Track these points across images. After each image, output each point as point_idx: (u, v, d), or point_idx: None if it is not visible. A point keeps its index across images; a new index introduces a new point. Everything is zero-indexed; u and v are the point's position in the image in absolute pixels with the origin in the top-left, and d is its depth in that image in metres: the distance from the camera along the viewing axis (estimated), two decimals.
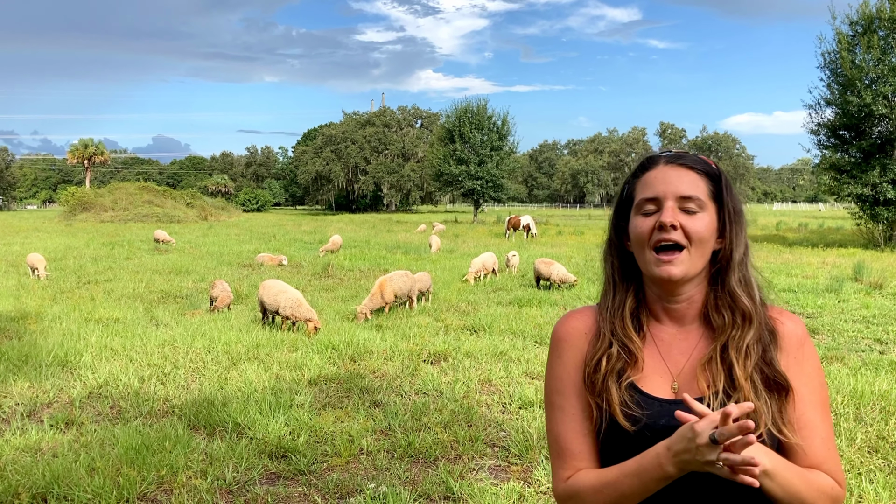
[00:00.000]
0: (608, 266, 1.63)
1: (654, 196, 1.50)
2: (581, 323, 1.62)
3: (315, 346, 9.15)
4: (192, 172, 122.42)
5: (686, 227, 1.46)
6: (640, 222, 1.51)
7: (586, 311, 1.65)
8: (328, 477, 5.15)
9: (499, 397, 7.10)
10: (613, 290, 1.60)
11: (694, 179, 1.50)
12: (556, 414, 1.58)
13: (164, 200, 52.35)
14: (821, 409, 1.49)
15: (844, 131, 27.30)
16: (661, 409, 1.46)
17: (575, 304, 12.60)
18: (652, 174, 1.54)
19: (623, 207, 1.61)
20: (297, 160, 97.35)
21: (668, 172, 1.51)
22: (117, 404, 6.90)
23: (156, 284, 15.47)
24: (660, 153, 1.58)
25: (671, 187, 1.49)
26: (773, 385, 1.45)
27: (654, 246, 1.47)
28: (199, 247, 26.14)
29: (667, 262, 1.46)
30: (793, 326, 1.53)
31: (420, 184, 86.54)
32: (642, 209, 1.52)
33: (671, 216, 1.46)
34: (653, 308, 1.57)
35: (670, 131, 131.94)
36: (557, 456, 1.57)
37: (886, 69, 25.03)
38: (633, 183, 1.58)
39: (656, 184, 1.51)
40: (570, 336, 1.61)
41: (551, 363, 1.63)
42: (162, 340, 9.43)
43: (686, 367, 1.52)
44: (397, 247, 26.19)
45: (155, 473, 5.06)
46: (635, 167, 1.61)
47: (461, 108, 51.67)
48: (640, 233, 1.50)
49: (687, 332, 1.55)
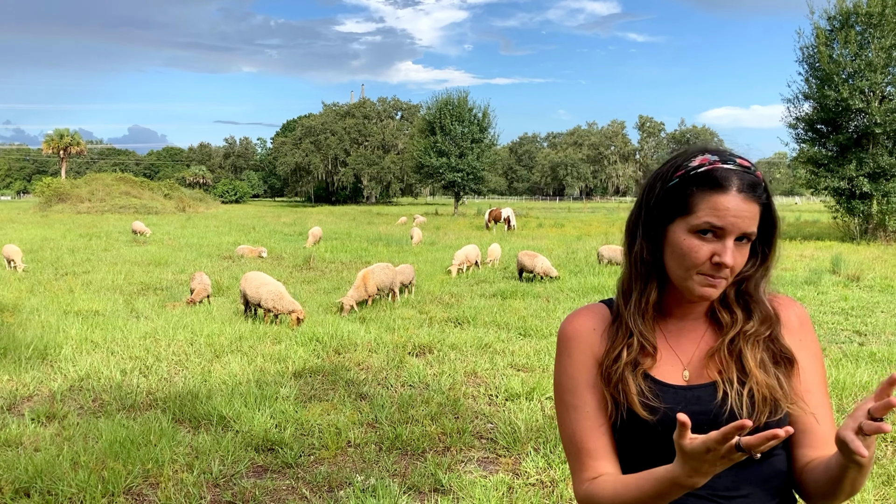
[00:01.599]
0: (632, 258, 1.57)
1: (722, 227, 1.42)
2: (589, 320, 1.60)
3: (299, 338, 9.09)
4: (170, 163, 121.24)
5: (736, 263, 1.44)
6: (696, 245, 1.43)
7: (592, 309, 1.64)
8: (316, 470, 5.12)
9: (485, 389, 7.10)
10: (641, 283, 1.55)
11: (756, 214, 1.45)
12: (569, 413, 1.56)
13: (142, 192, 51.84)
14: (823, 389, 1.54)
15: (822, 125, 27.55)
16: (675, 395, 1.47)
17: (558, 297, 12.64)
18: (724, 201, 1.42)
19: (666, 203, 1.50)
20: (276, 151, 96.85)
21: (741, 206, 1.42)
22: (99, 397, 6.82)
23: (135, 276, 15.31)
24: (729, 167, 1.45)
25: (740, 224, 1.42)
26: (781, 360, 1.48)
27: (702, 273, 1.44)
28: (177, 238, 25.91)
29: (710, 286, 1.45)
30: (794, 309, 1.57)
31: (400, 176, 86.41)
32: (700, 229, 1.43)
33: (731, 258, 1.42)
34: (667, 304, 1.57)
35: (649, 125, 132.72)
36: (575, 456, 1.54)
37: (863, 64, 25.29)
38: (694, 190, 1.46)
39: (728, 216, 1.41)
40: (579, 334, 1.59)
41: (561, 362, 1.60)
42: (143, 333, 9.33)
43: (696, 354, 1.53)
44: (379, 239, 26.13)
45: (140, 467, 5.01)
46: (703, 175, 1.46)
47: (442, 100, 51.62)
48: (693, 257, 1.44)
49: (694, 323, 1.56)
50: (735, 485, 1.45)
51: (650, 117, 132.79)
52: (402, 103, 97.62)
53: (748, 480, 1.46)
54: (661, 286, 1.55)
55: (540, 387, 6.88)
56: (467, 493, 4.69)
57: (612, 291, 7.47)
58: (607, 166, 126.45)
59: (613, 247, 17.29)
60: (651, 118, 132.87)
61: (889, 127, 25.02)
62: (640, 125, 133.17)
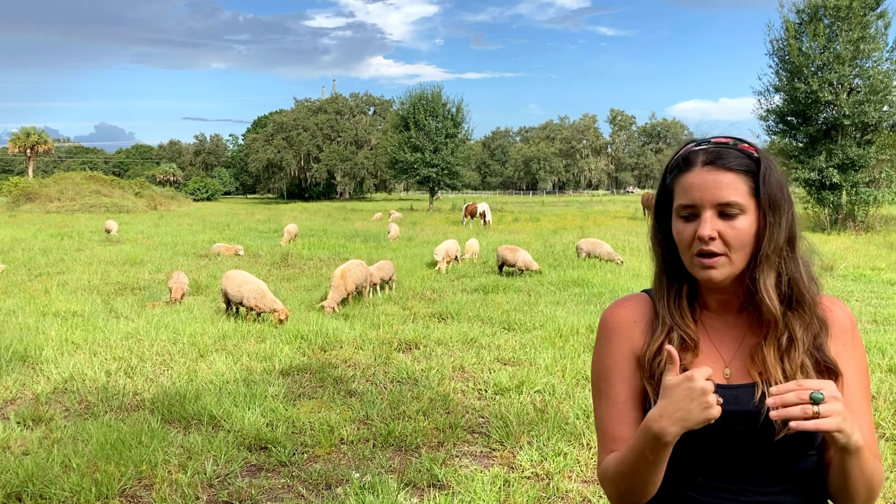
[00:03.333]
0: (658, 255, 1.60)
1: (692, 203, 1.46)
2: (630, 311, 1.62)
3: (283, 336, 9.05)
4: (139, 161, 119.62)
5: (725, 236, 1.43)
6: (681, 228, 1.48)
7: (634, 300, 1.65)
8: (311, 468, 5.11)
9: (473, 384, 7.12)
10: (667, 279, 1.58)
11: (732, 182, 1.44)
12: (601, 401, 1.59)
13: (112, 190, 51.11)
14: (865, 394, 1.52)
15: (792, 117, 27.95)
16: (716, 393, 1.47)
17: (539, 291, 12.70)
18: (689, 178, 1.48)
19: (664, 198, 1.57)
20: (247, 148, 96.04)
21: (704, 177, 1.45)
22: (85, 399, 6.74)
23: (111, 276, 15.11)
24: (697, 148, 1.51)
25: (708, 195, 1.44)
26: (825, 370, 1.46)
27: (696, 254, 1.46)
28: (151, 237, 25.60)
29: (708, 267, 1.44)
30: (842, 314, 1.54)
31: (374, 171, 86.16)
32: (681, 213, 1.49)
33: (709, 229, 1.42)
34: (702, 296, 1.57)
35: (620, 118, 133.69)
36: (601, 441, 1.59)
37: (831, 57, 25.69)
38: (672, 178, 1.54)
39: (692, 191, 1.46)
40: (619, 325, 1.60)
41: (599, 351, 1.62)
42: (125, 333, 9.23)
43: (738, 353, 1.52)
44: (356, 235, 26.05)
45: (133, 469, 4.96)
46: (676, 160, 1.54)
47: (415, 95, 51.47)
48: (682, 239, 1.48)
49: (737, 319, 1.55)
50: (765, 483, 1.46)
51: (621, 111, 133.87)
52: (375, 98, 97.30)
53: (778, 479, 1.47)
54: (693, 282, 1.57)
55: (528, 380, 6.92)
56: (465, 487, 4.71)
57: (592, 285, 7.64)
58: (579, 160, 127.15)
59: (592, 240, 17.40)
60: (622, 112, 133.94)
61: (857, 119, 25.44)
62: (611, 119, 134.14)
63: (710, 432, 1.42)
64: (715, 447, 1.46)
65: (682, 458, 1.49)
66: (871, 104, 25.21)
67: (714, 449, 1.46)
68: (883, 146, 26.29)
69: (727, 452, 1.46)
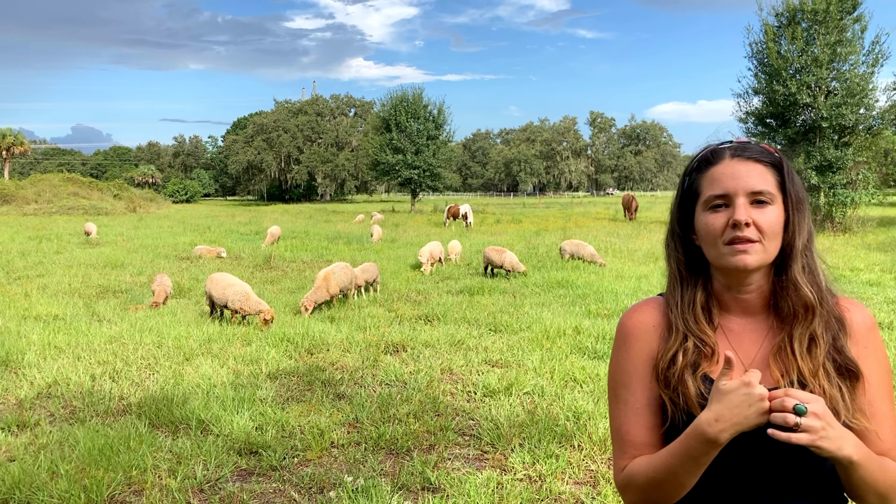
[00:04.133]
0: (673, 260, 1.62)
1: (724, 192, 1.48)
2: (649, 316, 1.62)
3: (270, 339, 9.00)
4: (118, 163, 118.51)
5: (758, 223, 1.45)
6: (712, 219, 1.50)
7: (652, 304, 1.65)
8: (302, 472, 5.08)
9: (462, 386, 7.11)
10: (681, 283, 1.59)
11: (762, 172, 1.49)
12: (619, 406, 1.59)
13: (91, 192, 50.61)
14: (888, 397, 1.52)
15: (771, 119, 28.19)
16: None
17: (524, 293, 12.73)
18: (719, 169, 1.51)
19: (686, 200, 1.59)
20: (227, 150, 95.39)
21: (736, 167, 1.49)
22: (70, 404, 6.65)
23: (92, 279, 14.95)
24: (723, 145, 1.55)
25: (741, 182, 1.47)
26: (845, 372, 1.47)
27: (728, 242, 1.47)
28: (131, 239, 25.36)
29: (741, 252, 1.45)
30: (861, 315, 1.55)
31: (355, 173, 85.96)
32: (711, 205, 1.50)
33: (745, 214, 1.45)
34: (721, 299, 1.57)
35: (600, 120, 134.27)
36: (619, 446, 1.58)
37: (809, 60, 25.94)
38: (696, 177, 1.56)
39: (725, 179, 1.49)
40: (638, 330, 1.60)
41: (617, 356, 1.62)
42: (108, 337, 9.13)
43: (758, 357, 1.52)
44: (338, 237, 25.96)
45: (122, 474, 4.90)
46: (697, 160, 1.57)
47: (397, 96, 51.39)
48: (712, 230, 1.49)
49: (756, 323, 1.55)
50: (786, 488, 1.46)
51: (601, 113, 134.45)
52: (356, 100, 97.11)
53: (798, 484, 1.47)
54: (713, 284, 1.58)
55: (517, 382, 6.93)
56: (458, 490, 4.71)
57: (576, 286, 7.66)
58: (560, 162, 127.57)
59: (575, 241, 17.46)
60: (602, 114, 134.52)
61: (834, 121, 25.70)
62: (591, 121, 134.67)
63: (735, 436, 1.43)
64: (736, 451, 1.45)
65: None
66: (848, 107, 25.49)
67: (736, 453, 1.46)
68: (860, 148, 26.58)
69: (749, 457, 1.46)
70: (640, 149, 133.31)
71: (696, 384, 1.49)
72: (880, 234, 24.42)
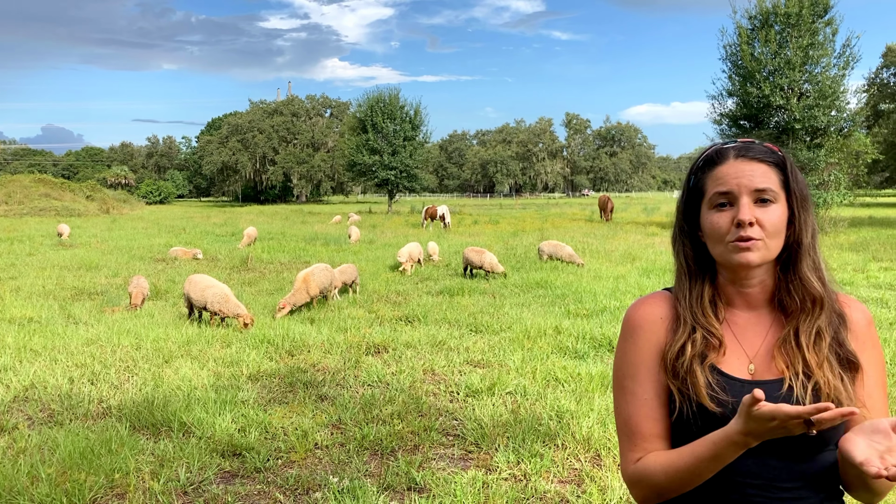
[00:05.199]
0: (682, 255, 1.65)
1: (728, 191, 1.52)
2: (656, 308, 1.65)
3: (249, 340, 8.95)
4: (90, 164, 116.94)
5: (762, 221, 1.49)
6: (716, 217, 1.54)
7: (659, 297, 1.68)
8: (287, 473, 5.06)
9: (445, 386, 7.12)
10: (689, 278, 1.63)
11: (765, 171, 1.53)
12: (626, 398, 1.61)
13: (63, 193, 49.93)
14: (883, 392, 1.57)
15: (745, 121, 28.50)
16: (741, 389, 1.50)
17: (503, 293, 12.77)
18: (723, 169, 1.55)
19: (691, 198, 1.63)
20: (201, 150, 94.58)
21: (739, 166, 1.53)
22: (48, 407, 6.57)
23: (66, 281, 14.76)
24: (727, 145, 1.59)
25: (745, 181, 1.51)
26: (847, 364, 1.51)
27: (732, 241, 1.51)
28: (105, 241, 25.07)
29: (745, 250, 1.49)
30: (860, 311, 1.60)
31: (331, 174, 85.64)
32: (715, 203, 1.54)
33: (748, 213, 1.49)
34: (726, 293, 1.61)
35: (576, 122, 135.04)
36: (628, 438, 1.60)
37: (782, 62, 26.29)
38: (700, 176, 1.60)
39: (728, 179, 1.53)
40: (645, 322, 1.63)
41: (624, 348, 1.65)
42: (85, 339, 9.02)
43: (762, 349, 1.56)
44: (315, 238, 25.85)
45: (105, 477, 4.85)
46: (702, 160, 1.61)
47: (373, 97, 51.27)
48: (717, 228, 1.53)
49: (760, 316, 1.59)
50: (788, 478, 1.49)
51: (576, 114, 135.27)
52: (331, 101, 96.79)
53: (799, 475, 1.50)
54: (718, 279, 1.62)
55: (500, 382, 6.95)
56: (444, 490, 4.72)
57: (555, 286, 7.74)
58: (536, 163, 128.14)
59: (553, 242, 17.54)
60: (577, 115, 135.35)
61: (807, 123, 26.07)
62: (566, 122, 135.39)
63: None
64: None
65: None
66: (820, 109, 25.87)
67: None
68: (831, 150, 26.96)
69: (754, 448, 1.48)
70: (615, 150, 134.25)
71: (704, 374, 1.52)
72: (852, 234, 24.81)
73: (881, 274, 14.38)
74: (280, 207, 67.79)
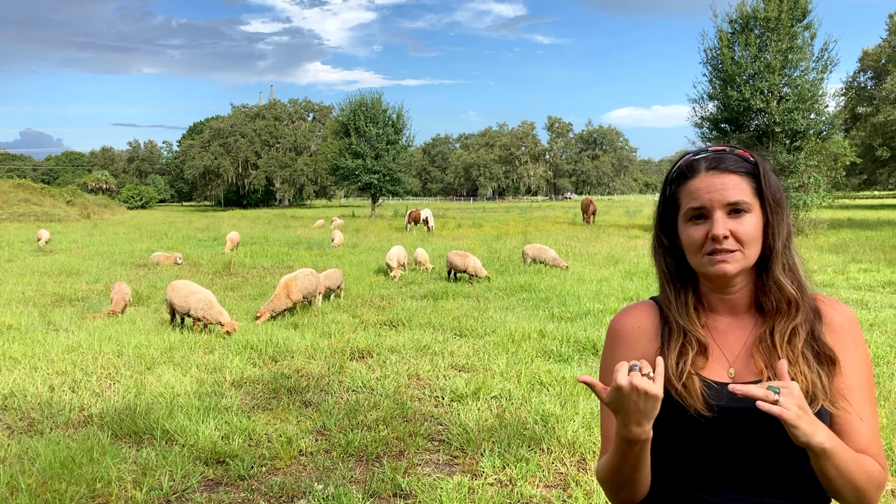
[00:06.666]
0: (663, 265, 1.66)
1: (701, 205, 1.53)
2: (637, 319, 1.66)
3: (233, 346, 8.88)
4: (70, 168, 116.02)
5: (736, 232, 1.50)
6: (692, 231, 1.55)
7: (642, 307, 1.69)
8: (271, 480, 5.02)
9: (429, 391, 7.11)
10: (672, 287, 1.64)
11: (737, 183, 1.53)
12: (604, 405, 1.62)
13: (43, 198, 49.46)
14: (868, 393, 1.55)
15: (725, 124, 28.70)
16: (719, 392, 1.51)
17: (487, 297, 12.77)
18: (695, 183, 1.55)
19: (667, 208, 1.64)
20: (183, 154, 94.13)
21: (711, 181, 1.53)
22: (28, 416, 6.48)
23: (47, 287, 14.60)
24: (698, 156, 1.59)
25: (717, 196, 1.52)
26: (823, 359, 1.52)
27: (708, 253, 1.52)
28: (86, 247, 24.83)
29: (721, 262, 1.51)
30: (841, 311, 1.61)
31: (314, 178, 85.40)
32: (690, 217, 1.55)
33: (722, 228, 1.49)
34: (708, 300, 1.62)
35: (558, 125, 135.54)
36: (602, 442, 1.65)
37: (762, 66, 26.51)
38: (675, 188, 1.61)
39: (701, 194, 1.53)
40: (624, 331, 1.66)
41: (605, 356, 1.68)
42: (66, 346, 8.92)
43: (742, 351, 1.58)
44: (298, 242, 25.74)
45: (86, 487, 4.79)
46: (676, 172, 1.62)
47: (356, 101, 51.18)
48: (693, 241, 1.54)
49: (741, 321, 1.61)
50: (768, 483, 1.50)
51: (559, 118, 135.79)
52: (314, 104, 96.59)
53: (780, 480, 1.51)
54: (700, 287, 1.63)
55: (485, 386, 6.94)
56: (429, 496, 4.70)
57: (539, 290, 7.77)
58: (518, 166, 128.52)
59: (537, 246, 17.57)
60: (559, 119, 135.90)
61: (787, 126, 26.30)
62: (549, 126, 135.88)
63: (717, 429, 1.48)
64: (723, 445, 1.50)
65: (690, 456, 1.54)
66: (799, 112, 26.11)
67: (722, 447, 1.51)
68: (811, 153, 27.22)
69: (735, 450, 1.50)
70: (597, 153, 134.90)
71: (700, 379, 1.54)
72: (831, 236, 25.05)
73: (860, 275, 14.52)
74: (262, 211, 67.49)
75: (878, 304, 11.33)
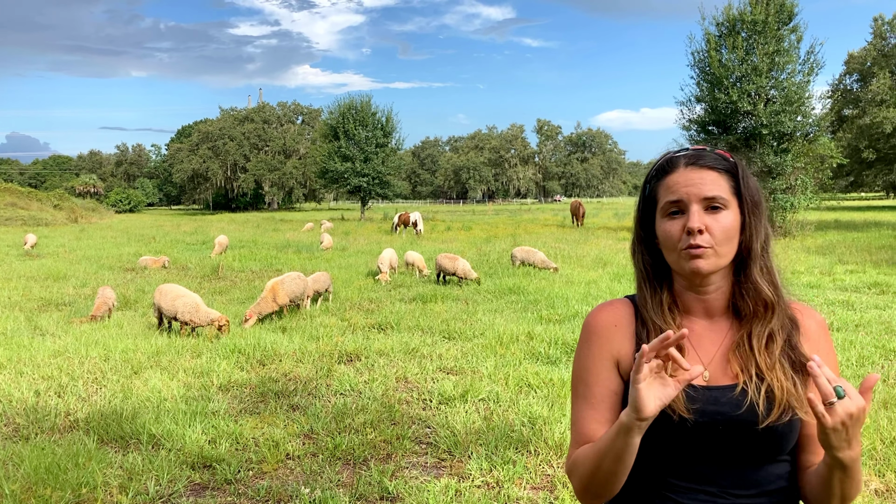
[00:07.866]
0: (640, 263, 1.66)
1: (678, 199, 1.54)
2: (611, 316, 1.66)
3: (220, 350, 8.85)
4: (57, 172, 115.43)
5: (712, 228, 1.50)
6: (668, 226, 1.55)
7: (617, 304, 1.69)
8: (258, 484, 5.01)
9: (417, 394, 7.10)
10: (650, 285, 1.64)
11: (715, 179, 1.54)
12: (578, 401, 1.64)
13: (30, 202, 49.19)
14: None
15: (713, 127, 28.86)
16: (693, 395, 1.50)
17: (476, 299, 12.78)
18: (673, 178, 1.56)
19: (647, 206, 1.65)
20: (171, 158, 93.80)
21: (689, 175, 1.54)
22: (13, 421, 6.44)
23: (33, 292, 14.51)
24: (678, 153, 1.60)
25: (694, 190, 1.52)
26: (799, 368, 1.52)
27: (684, 248, 1.52)
28: (73, 251, 24.70)
29: (696, 257, 1.50)
30: (813, 317, 1.62)
31: (303, 181, 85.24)
32: (668, 212, 1.56)
33: (698, 221, 1.50)
34: (684, 301, 1.62)
35: (547, 128, 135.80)
36: (574, 438, 1.63)
37: (749, 68, 26.67)
38: (654, 185, 1.62)
39: (679, 187, 1.54)
40: (600, 328, 1.65)
41: (579, 352, 1.67)
42: (52, 351, 8.87)
43: (717, 356, 1.57)
44: (287, 246, 25.68)
45: (72, 492, 4.77)
46: (655, 169, 1.63)
47: (345, 104, 51.17)
48: (669, 236, 1.54)
49: (717, 324, 1.60)
50: (741, 485, 1.51)
51: (548, 121, 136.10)
52: (303, 107, 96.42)
53: (753, 482, 1.51)
54: (675, 287, 1.63)
55: (473, 389, 6.95)
56: (416, 499, 4.70)
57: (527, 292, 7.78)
58: (508, 169, 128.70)
59: (526, 248, 17.60)
60: (549, 122, 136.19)
61: (774, 128, 26.46)
62: (538, 128, 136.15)
63: (690, 432, 1.48)
64: (694, 448, 1.50)
65: (661, 458, 1.54)
66: (786, 114, 26.28)
67: (693, 450, 1.51)
68: (798, 154, 27.38)
69: (706, 454, 1.50)
70: (586, 156, 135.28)
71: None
72: (818, 237, 25.21)
73: (847, 277, 14.61)
74: (251, 215, 67.33)
75: (863, 304, 11.41)
